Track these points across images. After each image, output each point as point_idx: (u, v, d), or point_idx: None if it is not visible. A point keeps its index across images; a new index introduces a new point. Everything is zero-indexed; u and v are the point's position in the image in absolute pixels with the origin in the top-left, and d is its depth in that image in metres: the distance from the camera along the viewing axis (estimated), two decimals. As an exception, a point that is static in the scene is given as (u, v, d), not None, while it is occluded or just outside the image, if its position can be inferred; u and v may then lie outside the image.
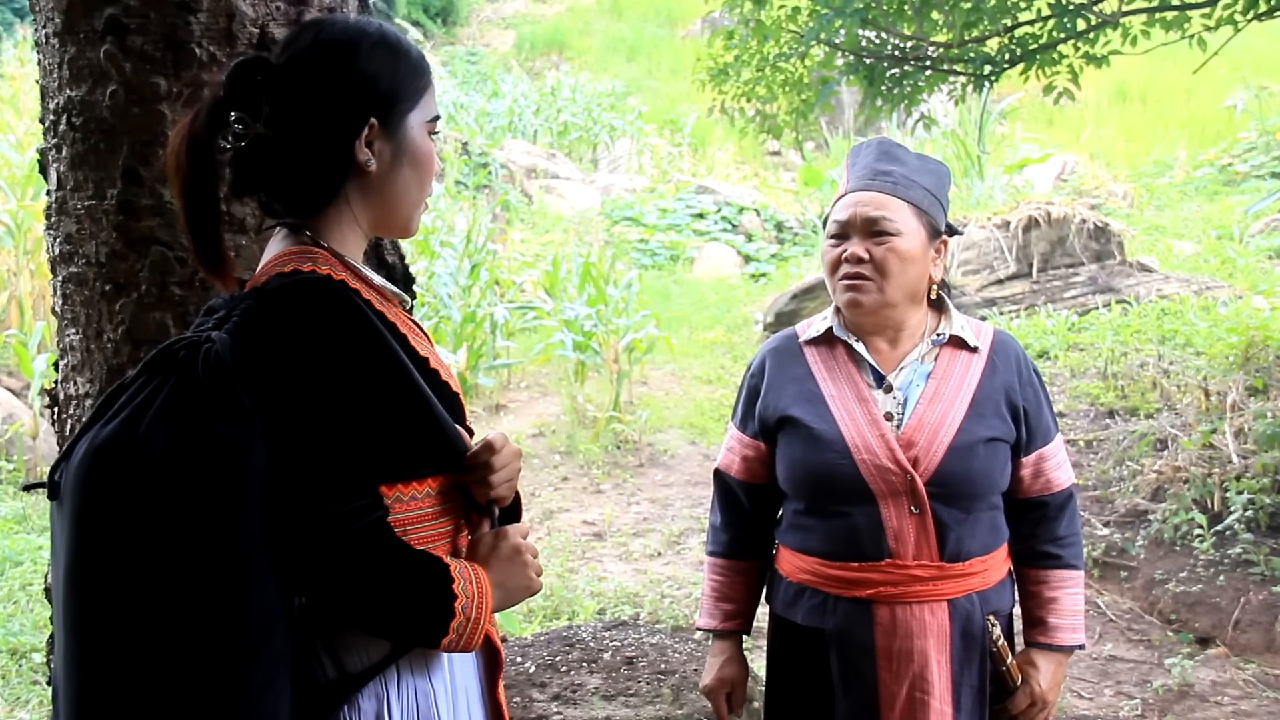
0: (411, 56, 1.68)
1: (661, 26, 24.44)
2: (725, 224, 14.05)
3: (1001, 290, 9.29)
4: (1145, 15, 6.15)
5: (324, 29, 1.65)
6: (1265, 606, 4.69)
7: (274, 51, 1.67)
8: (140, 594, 1.43)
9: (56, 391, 2.55)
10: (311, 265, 1.59)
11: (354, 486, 1.51)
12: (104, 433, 1.47)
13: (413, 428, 1.60)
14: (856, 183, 2.29)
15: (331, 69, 1.61)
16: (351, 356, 1.53)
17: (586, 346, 8.42)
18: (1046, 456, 2.32)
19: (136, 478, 1.43)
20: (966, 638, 2.21)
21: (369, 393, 1.54)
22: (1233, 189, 12.92)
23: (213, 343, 1.50)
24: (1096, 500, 5.69)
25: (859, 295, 2.25)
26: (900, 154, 2.31)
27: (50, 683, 2.97)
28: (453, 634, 1.57)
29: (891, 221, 2.23)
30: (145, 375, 1.52)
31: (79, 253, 2.39)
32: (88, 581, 1.47)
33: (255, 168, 1.63)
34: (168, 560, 1.43)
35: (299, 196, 1.65)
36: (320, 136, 1.61)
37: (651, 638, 4.47)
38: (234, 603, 1.45)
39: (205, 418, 1.45)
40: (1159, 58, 6.74)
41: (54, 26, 2.36)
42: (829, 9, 6.18)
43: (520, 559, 1.70)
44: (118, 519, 1.44)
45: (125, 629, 1.44)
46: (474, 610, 1.59)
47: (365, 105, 1.62)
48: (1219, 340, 6.66)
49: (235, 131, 1.60)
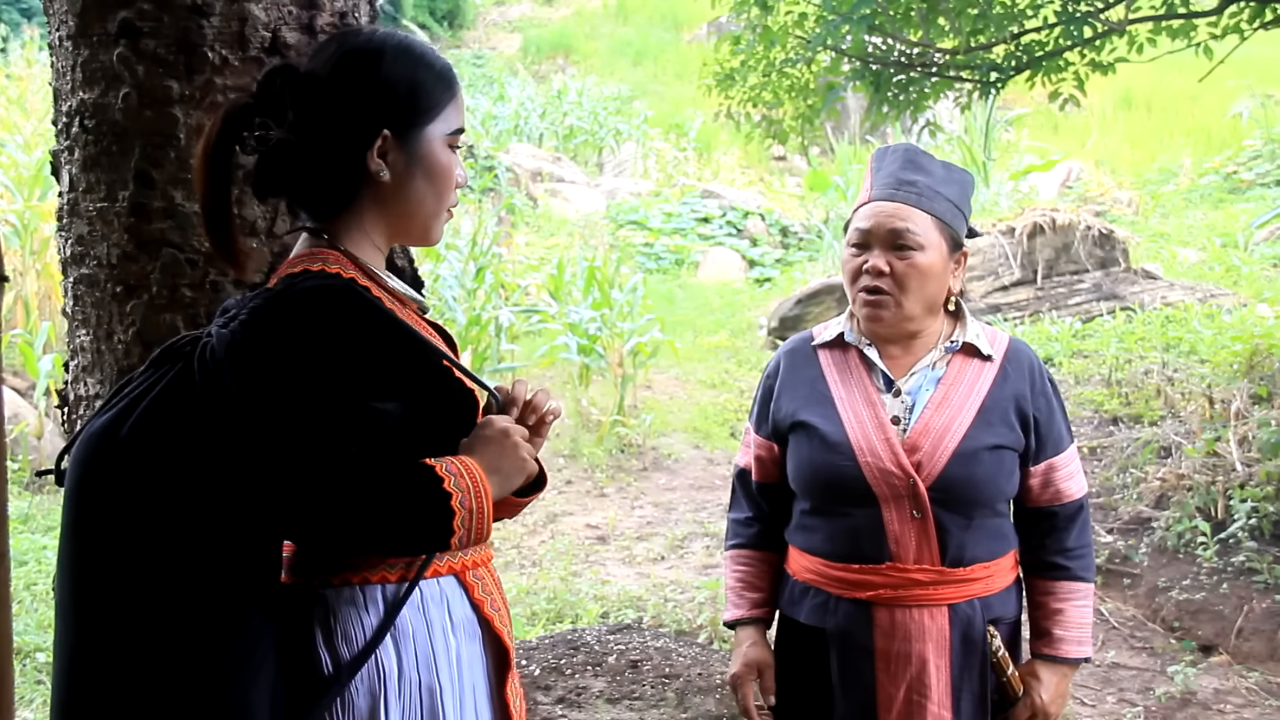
0: (434, 69, 1.70)
1: (668, 31, 24.46)
2: (730, 229, 14.04)
3: (1006, 296, 9.30)
4: (1151, 23, 6.16)
5: (349, 39, 1.69)
6: (1268, 615, 4.69)
7: (303, 59, 1.71)
8: (125, 575, 1.51)
9: (67, 392, 2.56)
10: (321, 265, 1.62)
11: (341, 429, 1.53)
12: (99, 421, 1.56)
13: (433, 406, 1.65)
14: (880, 191, 2.28)
15: (350, 79, 1.64)
16: (357, 340, 1.56)
17: (591, 350, 8.42)
18: (1057, 467, 2.31)
19: (123, 464, 1.51)
20: (967, 643, 2.21)
21: (378, 374, 1.57)
22: (1238, 197, 12.90)
23: (211, 338, 1.55)
24: (1100, 507, 5.69)
25: (878, 310, 2.25)
26: (926, 162, 2.29)
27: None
28: (459, 530, 1.59)
29: (914, 235, 2.22)
30: (150, 369, 1.60)
31: (90, 254, 2.41)
32: (81, 563, 1.54)
33: (277, 172, 1.67)
34: (149, 543, 1.50)
35: (317, 202, 1.69)
36: (335, 145, 1.65)
37: (656, 641, 4.48)
38: (211, 586, 1.51)
39: (192, 409, 1.51)
40: (1165, 65, 6.74)
41: (68, 29, 2.38)
42: (836, 15, 6.19)
43: (509, 440, 1.70)
44: (106, 503, 1.52)
45: (112, 608, 1.51)
46: (473, 501, 1.60)
47: (379, 116, 1.65)
48: (1223, 348, 6.66)
49: (259, 136, 1.64)
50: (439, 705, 1.65)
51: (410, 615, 1.65)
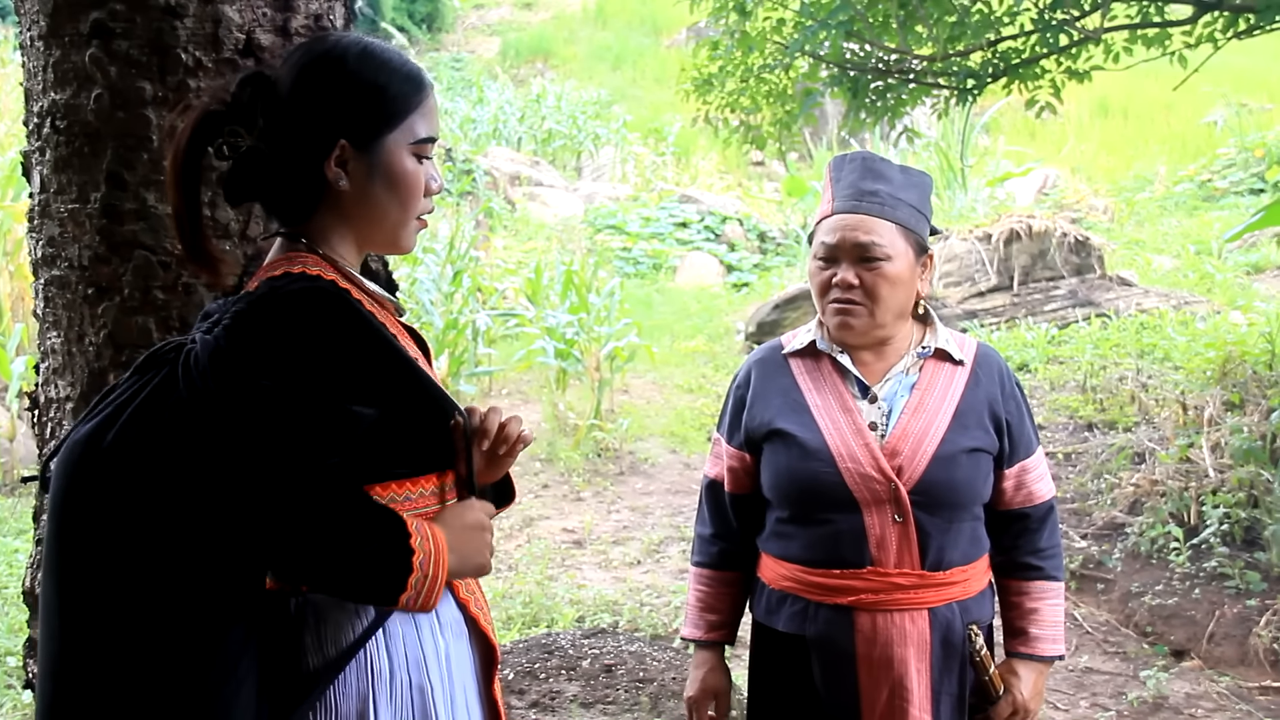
0: (398, 76, 1.67)
1: (647, 36, 24.47)
2: (708, 233, 14.06)
3: (982, 302, 9.33)
4: (1127, 32, 6.21)
5: (315, 45, 1.68)
6: (1239, 620, 4.72)
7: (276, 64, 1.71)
8: (109, 584, 1.49)
9: (37, 394, 2.55)
10: (302, 267, 1.61)
11: (319, 449, 1.52)
12: (83, 429, 1.54)
13: (408, 422, 1.64)
14: (843, 203, 2.29)
15: (311, 86, 1.64)
16: (341, 350, 1.55)
17: (568, 354, 8.41)
18: (1028, 469, 2.34)
19: (106, 472, 1.50)
20: (947, 647, 2.23)
21: (357, 387, 1.56)
22: (1212, 205, 12.99)
23: (195, 344, 1.53)
24: (1074, 513, 5.72)
25: (850, 319, 2.26)
26: (885, 169, 2.31)
27: (25, 686, 2.96)
28: (411, 590, 1.56)
29: (881, 246, 2.23)
30: (135, 375, 1.58)
31: (61, 256, 2.39)
32: (64, 570, 1.53)
33: (248, 178, 1.66)
34: (133, 551, 1.49)
35: (287, 208, 1.68)
36: (297, 153, 1.64)
37: (630, 646, 4.48)
38: (195, 594, 1.50)
39: (175, 418, 1.49)
40: (1140, 74, 6.80)
41: (39, 29, 2.36)
42: (814, 21, 6.22)
43: (481, 535, 1.71)
44: (89, 511, 1.50)
45: (92, 616, 1.50)
46: (430, 567, 1.58)
47: (337, 125, 1.63)
48: (1197, 355, 6.71)
49: (230, 143, 1.64)
50: (430, 705, 1.65)
51: (399, 616, 1.64)
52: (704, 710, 2.46)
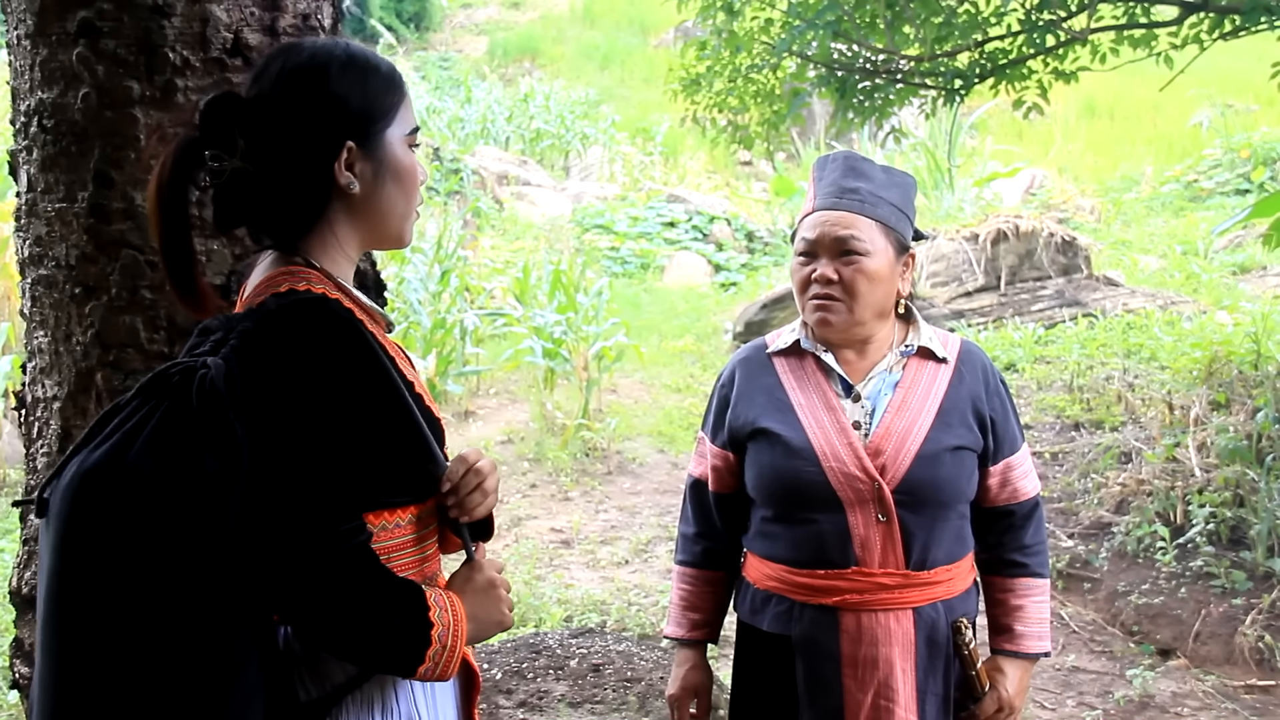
0: (381, 72, 1.67)
1: (635, 35, 24.47)
2: (696, 233, 14.07)
3: (970, 302, 9.36)
4: (1113, 33, 6.23)
5: (291, 56, 1.64)
6: (1225, 619, 4.74)
7: (244, 83, 1.66)
8: (117, 619, 1.44)
9: (24, 394, 2.54)
10: (307, 285, 1.59)
11: (341, 510, 1.51)
12: (93, 457, 1.47)
13: (406, 455, 1.62)
14: (824, 200, 2.30)
15: (302, 97, 1.60)
16: (353, 382, 1.53)
17: (556, 354, 8.41)
18: (1013, 466, 2.35)
19: (122, 504, 1.43)
20: (931, 646, 2.23)
21: (367, 418, 1.54)
22: (1198, 205, 13.05)
23: (208, 369, 1.48)
24: (1061, 512, 5.74)
25: (828, 315, 2.27)
26: (866, 169, 2.32)
27: (12, 687, 2.95)
28: (429, 662, 1.56)
29: (860, 241, 2.24)
30: (139, 399, 1.51)
31: (49, 255, 2.38)
32: (67, 604, 1.46)
33: (236, 202, 1.62)
34: (145, 588, 1.43)
35: (283, 226, 1.65)
36: (299, 165, 1.61)
37: (618, 645, 4.48)
38: (210, 635, 1.46)
39: (194, 448, 1.45)
40: (1127, 75, 6.82)
41: (26, 28, 2.35)
42: (801, 21, 6.22)
43: (495, 593, 1.70)
44: (101, 544, 1.44)
45: (101, 653, 1.44)
46: (449, 639, 1.58)
47: (340, 129, 1.61)
48: (1183, 355, 6.74)
49: (212, 169, 1.59)
50: None
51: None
52: (685, 708, 2.48)
